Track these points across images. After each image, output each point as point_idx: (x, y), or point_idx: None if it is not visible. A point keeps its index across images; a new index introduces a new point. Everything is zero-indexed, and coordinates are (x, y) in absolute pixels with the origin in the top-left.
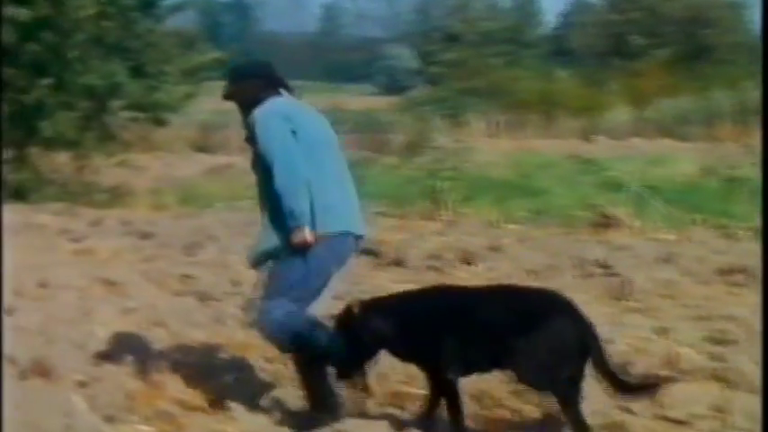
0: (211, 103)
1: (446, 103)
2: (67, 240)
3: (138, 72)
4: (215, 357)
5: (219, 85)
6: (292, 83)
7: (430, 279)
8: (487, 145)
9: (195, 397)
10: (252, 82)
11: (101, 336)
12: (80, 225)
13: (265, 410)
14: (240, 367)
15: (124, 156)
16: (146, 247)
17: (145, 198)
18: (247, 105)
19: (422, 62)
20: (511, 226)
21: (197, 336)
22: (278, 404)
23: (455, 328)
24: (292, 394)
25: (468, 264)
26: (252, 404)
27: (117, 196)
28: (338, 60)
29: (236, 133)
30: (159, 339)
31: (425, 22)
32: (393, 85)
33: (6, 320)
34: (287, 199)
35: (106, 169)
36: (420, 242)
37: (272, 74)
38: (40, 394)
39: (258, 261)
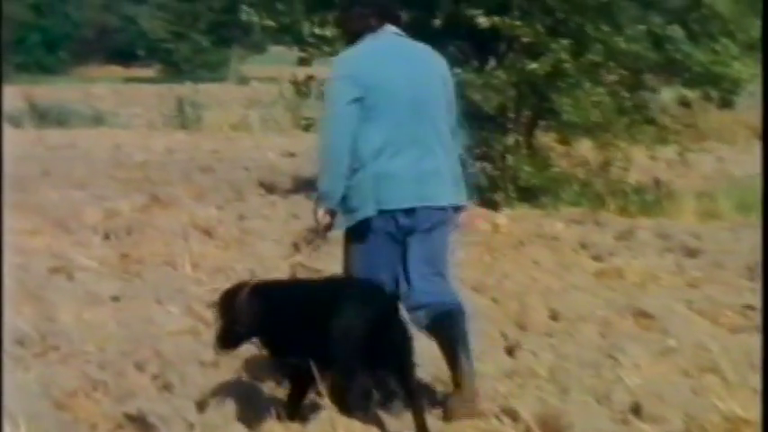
0: None
1: None
2: (588, 257)
3: (690, 37)
4: None
5: None
6: None
7: None
8: None
9: None
10: (357, 11)
11: (629, 384)
12: (605, 237)
13: None
14: None
15: (665, 147)
16: (691, 268)
17: (690, 203)
18: (350, 36)
19: None
20: None
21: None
22: None
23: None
24: None
25: None
26: None
27: (653, 200)
28: None
29: None
30: (711, 389)
31: None
32: None
33: (507, 362)
34: (320, 175)
35: (640, 164)
36: None
37: (383, 3)
38: None
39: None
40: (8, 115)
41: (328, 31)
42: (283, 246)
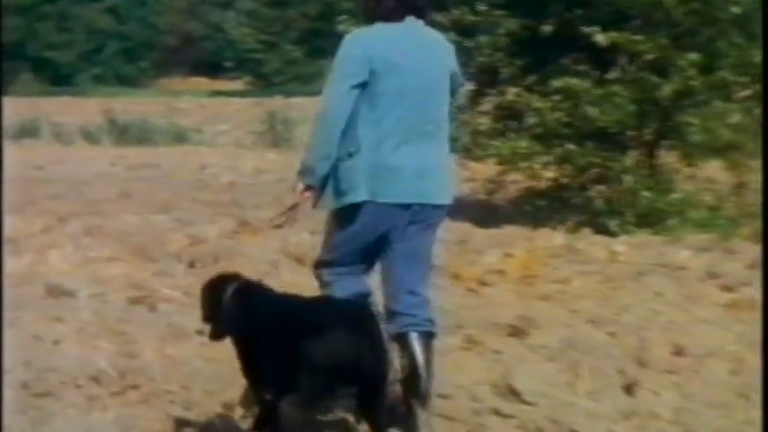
0: None
1: None
2: (717, 288)
3: None
4: None
5: None
6: None
7: None
8: None
9: None
10: (374, 1)
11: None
12: (736, 266)
13: None
14: None
15: None
16: None
17: None
18: (367, 20)
19: None
20: None
21: None
22: None
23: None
24: None
25: None
26: None
27: None
28: None
29: None
30: None
31: None
32: None
33: (625, 401)
34: (308, 149)
35: None
36: None
37: None
38: None
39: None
40: (85, 131)
41: None
42: None
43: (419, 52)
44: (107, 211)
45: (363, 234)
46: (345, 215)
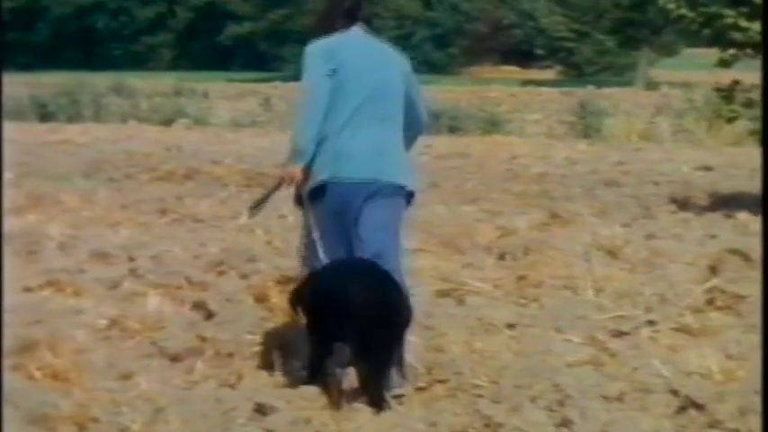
0: None
1: None
2: None
3: None
4: None
5: None
6: None
7: None
8: None
9: None
10: (329, 13)
11: None
12: None
13: None
14: None
15: None
16: None
17: None
18: (324, 36)
19: None
20: None
21: None
22: None
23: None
24: None
25: None
26: None
27: None
28: None
29: None
30: None
31: None
32: None
33: None
34: (297, 136)
35: None
36: None
37: (352, 5)
38: None
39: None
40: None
41: (755, 26)
42: (697, 269)
43: (371, 54)
44: (415, 201)
45: (331, 212)
46: (317, 200)
